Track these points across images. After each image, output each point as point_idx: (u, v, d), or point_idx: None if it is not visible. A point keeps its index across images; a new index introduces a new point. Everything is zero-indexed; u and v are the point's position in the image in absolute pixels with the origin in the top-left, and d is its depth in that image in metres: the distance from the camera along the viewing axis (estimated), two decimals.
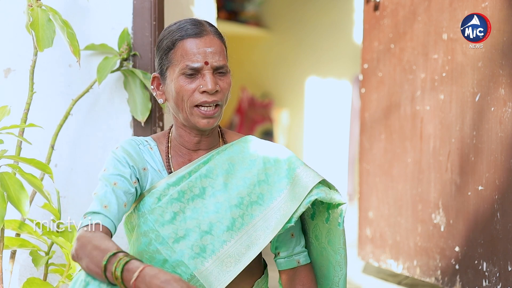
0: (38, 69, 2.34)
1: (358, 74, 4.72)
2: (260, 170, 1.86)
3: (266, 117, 6.10)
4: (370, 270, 3.32)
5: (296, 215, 1.77)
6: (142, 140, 1.88)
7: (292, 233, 1.89)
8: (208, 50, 1.77)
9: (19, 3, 2.41)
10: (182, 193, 1.81)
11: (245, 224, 1.81)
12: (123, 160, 1.80)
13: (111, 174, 1.78)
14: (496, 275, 2.43)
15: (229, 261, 1.78)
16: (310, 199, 1.76)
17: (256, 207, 1.82)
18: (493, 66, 2.43)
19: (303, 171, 1.83)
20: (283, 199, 1.82)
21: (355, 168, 5.10)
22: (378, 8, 3.03)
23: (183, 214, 1.80)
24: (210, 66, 1.77)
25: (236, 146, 1.90)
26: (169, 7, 2.61)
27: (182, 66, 1.77)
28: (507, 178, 2.39)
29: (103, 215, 1.71)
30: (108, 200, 1.73)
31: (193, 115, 1.79)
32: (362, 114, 3.17)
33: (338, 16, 5.64)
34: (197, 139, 1.86)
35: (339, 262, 1.86)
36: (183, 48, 1.78)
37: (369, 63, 3.11)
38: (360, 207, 3.19)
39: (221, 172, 1.85)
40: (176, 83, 1.78)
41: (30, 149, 2.30)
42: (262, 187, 1.84)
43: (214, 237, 1.79)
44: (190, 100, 1.77)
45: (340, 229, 1.82)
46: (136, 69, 2.42)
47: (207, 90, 1.76)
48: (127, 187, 1.77)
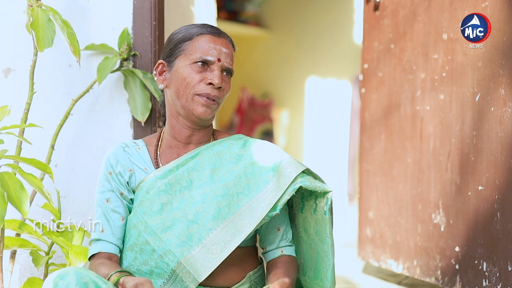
0: (38, 69, 2.34)
1: (358, 74, 4.71)
2: (247, 164, 1.92)
3: (266, 117, 6.10)
4: (370, 270, 3.32)
5: (281, 202, 1.83)
6: (131, 142, 1.98)
7: (279, 227, 1.95)
8: (223, 50, 1.89)
9: (19, 3, 2.41)
10: (170, 185, 1.88)
11: (231, 213, 1.86)
12: (108, 171, 1.92)
13: (101, 191, 1.92)
14: (496, 275, 2.43)
15: (215, 249, 1.82)
16: (294, 187, 1.82)
17: (242, 197, 1.87)
18: (493, 66, 2.43)
19: (288, 162, 1.88)
20: (268, 190, 1.86)
21: (355, 168, 5.10)
22: (378, 8, 3.03)
23: (171, 205, 1.87)
24: (221, 64, 1.88)
25: (224, 142, 1.97)
26: (169, 7, 2.61)
27: (195, 56, 1.87)
28: (507, 178, 2.39)
29: (102, 241, 1.88)
30: (104, 224, 1.89)
31: (193, 102, 1.87)
32: (362, 114, 3.17)
33: (338, 16, 5.64)
34: (189, 132, 1.93)
35: (326, 252, 1.87)
36: (201, 41, 1.89)
37: (369, 63, 3.11)
38: (360, 207, 3.19)
39: (208, 166, 1.91)
40: (185, 70, 1.87)
41: (30, 149, 2.30)
42: (248, 179, 1.90)
43: (200, 226, 1.84)
44: (194, 89, 1.86)
45: (326, 217, 1.84)
46: (136, 69, 2.42)
47: (213, 83, 1.85)
48: (118, 202, 1.90)
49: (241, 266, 1.91)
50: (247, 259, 1.93)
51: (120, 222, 1.89)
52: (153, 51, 2.46)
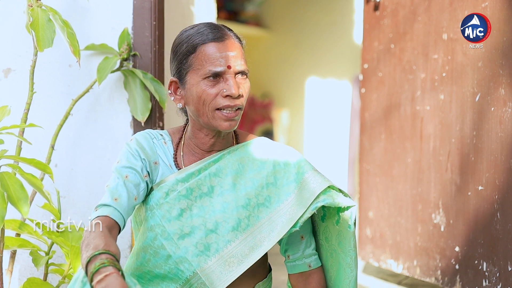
0: (38, 69, 2.34)
1: (358, 74, 4.71)
2: (270, 172, 1.86)
3: (266, 117, 6.10)
4: (370, 270, 3.32)
5: (302, 220, 1.77)
6: (157, 134, 1.89)
7: (302, 235, 1.89)
8: (231, 54, 1.76)
9: (19, 3, 2.41)
10: (191, 190, 1.82)
11: (251, 226, 1.81)
12: (136, 153, 1.82)
13: (123, 166, 1.80)
14: (496, 275, 2.43)
15: (232, 261, 1.78)
16: (316, 205, 1.76)
17: (263, 209, 1.82)
18: (493, 66, 2.43)
19: (311, 176, 1.82)
20: (290, 203, 1.81)
21: (355, 168, 5.10)
22: (378, 8, 3.03)
23: (190, 211, 1.81)
24: (232, 70, 1.76)
25: (248, 147, 1.89)
26: (169, 7, 2.61)
27: (204, 71, 1.75)
28: (507, 178, 2.39)
29: (112, 208, 1.73)
30: (119, 193, 1.75)
31: (215, 119, 1.77)
32: (362, 114, 3.17)
33: (338, 17, 5.64)
34: (212, 141, 1.86)
35: (350, 264, 1.85)
36: (205, 53, 1.76)
37: (369, 63, 3.11)
38: (360, 207, 3.19)
39: (231, 172, 1.85)
40: (198, 88, 1.76)
41: (30, 149, 2.30)
42: (270, 189, 1.84)
43: (219, 236, 1.79)
44: (212, 104, 1.76)
45: (350, 231, 1.81)
46: (136, 69, 2.42)
47: (231, 95, 1.75)
48: (138, 181, 1.79)
49: (252, 276, 1.88)
50: (258, 267, 1.89)
51: (133, 201, 1.77)
52: (153, 51, 2.46)
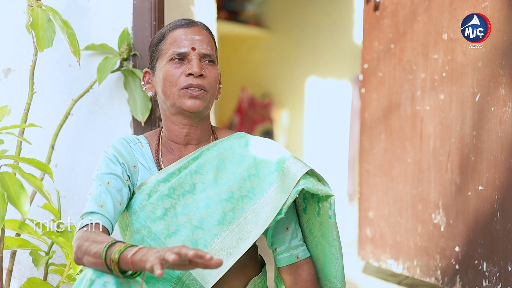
0: (38, 69, 2.34)
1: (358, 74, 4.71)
2: (250, 164, 1.87)
3: (266, 117, 6.10)
4: (370, 270, 3.32)
5: (285, 206, 1.78)
6: (134, 138, 1.92)
7: (287, 226, 1.90)
8: (196, 38, 1.84)
9: (19, 3, 2.41)
10: (173, 189, 1.83)
11: (236, 218, 1.82)
12: (114, 158, 1.84)
13: (103, 173, 1.82)
14: (496, 275, 2.43)
15: (221, 255, 1.79)
16: (297, 189, 1.77)
17: (247, 200, 1.84)
18: (493, 66, 2.43)
19: (292, 163, 1.84)
20: (273, 192, 1.83)
21: (355, 168, 5.10)
22: (378, 8, 3.03)
23: (174, 210, 1.82)
24: (197, 52, 1.83)
25: (226, 142, 1.91)
26: (169, 7, 2.61)
27: (170, 53, 1.83)
28: (507, 178, 2.39)
29: (100, 215, 1.75)
30: (103, 200, 1.77)
31: (180, 97, 1.81)
32: (362, 114, 3.17)
33: (338, 16, 5.64)
34: (185, 131, 1.87)
35: (335, 254, 1.87)
36: (172, 37, 1.85)
37: (369, 63, 3.11)
38: (360, 207, 3.19)
39: (211, 168, 1.86)
40: (164, 70, 1.83)
41: (30, 149, 2.30)
42: (253, 181, 1.85)
43: (205, 231, 1.80)
44: (177, 84, 1.81)
45: (331, 221, 1.83)
46: (136, 69, 2.42)
47: (193, 73, 1.80)
48: (120, 186, 1.81)
49: (244, 271, 1.89)
50: (249, 262, 1.90)
51: (118, 207, 1.79)
52: None
